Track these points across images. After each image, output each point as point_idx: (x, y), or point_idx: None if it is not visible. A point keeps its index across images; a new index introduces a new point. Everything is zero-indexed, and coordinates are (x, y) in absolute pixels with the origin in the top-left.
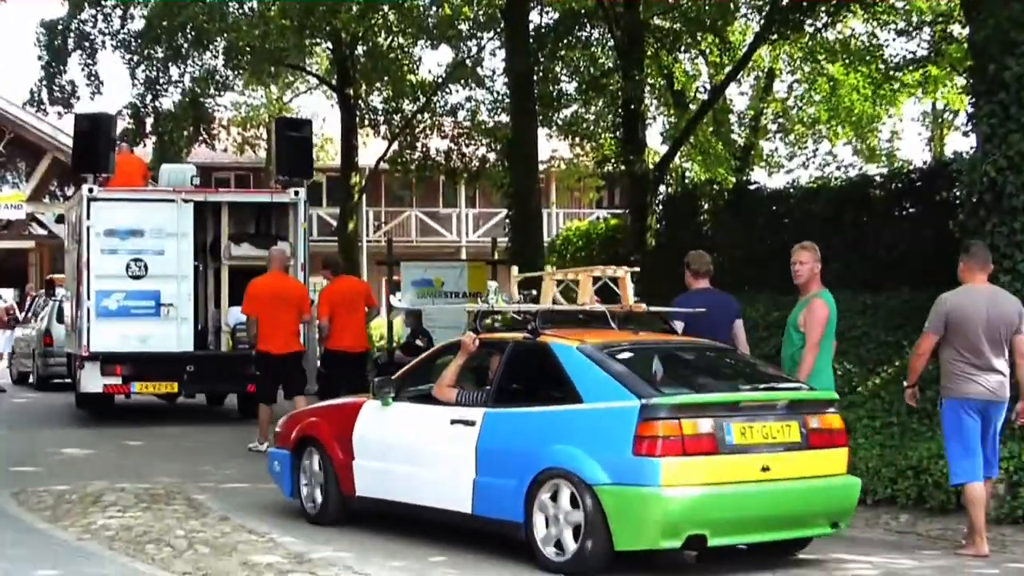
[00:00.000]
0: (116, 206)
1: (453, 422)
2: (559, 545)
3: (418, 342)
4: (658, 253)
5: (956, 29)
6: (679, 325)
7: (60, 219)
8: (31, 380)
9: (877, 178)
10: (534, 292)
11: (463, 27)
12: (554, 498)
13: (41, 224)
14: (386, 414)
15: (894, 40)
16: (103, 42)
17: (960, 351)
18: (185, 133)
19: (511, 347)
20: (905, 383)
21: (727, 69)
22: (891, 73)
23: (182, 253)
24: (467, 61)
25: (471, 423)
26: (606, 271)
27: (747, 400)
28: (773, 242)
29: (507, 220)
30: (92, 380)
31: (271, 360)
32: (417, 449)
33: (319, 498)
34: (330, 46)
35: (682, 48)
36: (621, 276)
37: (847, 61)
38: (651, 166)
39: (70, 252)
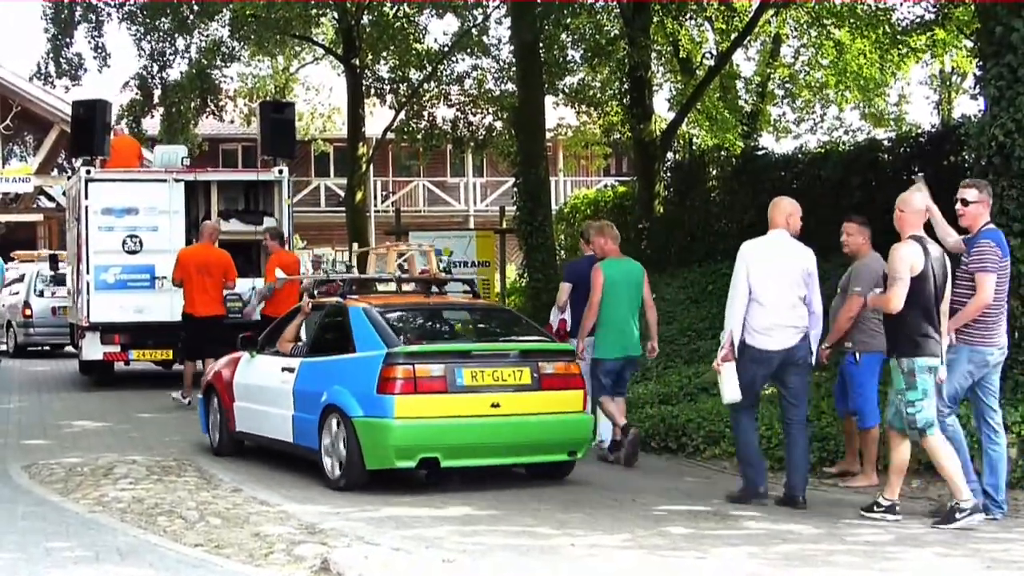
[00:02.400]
0: (112, 186)
1: (283, 369)
2: (337, 467)
3: None
4: (666, 219)
5: None
6: (567, 287)
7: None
8: (4, 348)
9: (885, 142)
10: (404, 264)
11: None
12: (332, 429)
13: (49, 197)
14: (251, 365)
15: (900, 3)
16: (109, 14)
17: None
18: (192, 104)
19: (326, 309)
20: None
21: (733, 35)
22: (898, 37)
23: (174, 229)
24: (473, 30)
25: (292, 370)
26: (411, 246)
27: (478, 350)
28: None
29: (515, 189)
30: (93, 348)
31: (195, 321)
32: (264, 392)
33: (217, 434)
34: (336, 16)
35: (688, 15)
36: (427, 250)
37: (854, 25)
38: (658, 133)
39: (70, 229)
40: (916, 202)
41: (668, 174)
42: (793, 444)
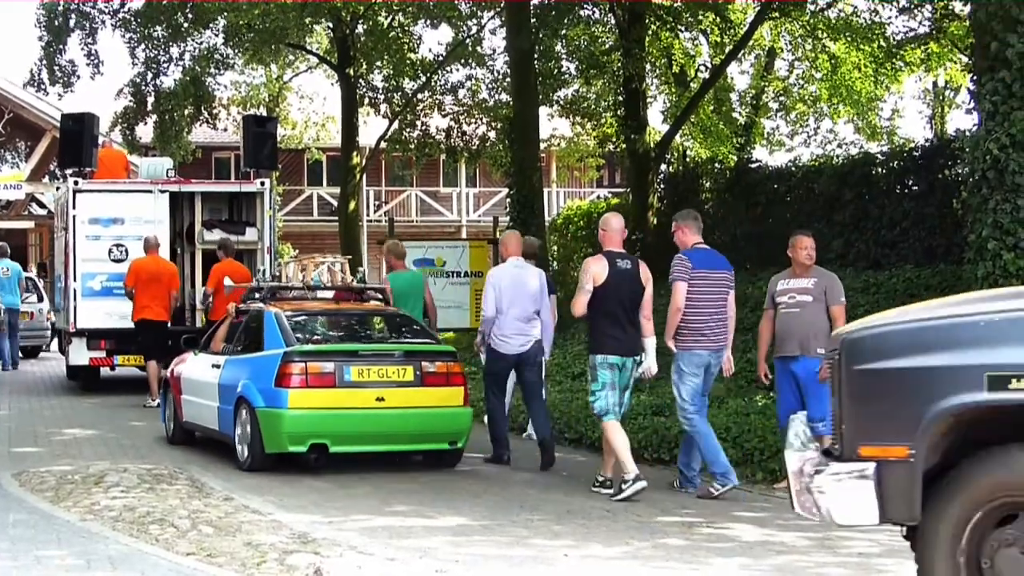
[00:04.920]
0: (99, 197)
1: (213, 366)
2: (246, 451)
3: None
4: (659, 231)
5: (958, 6)
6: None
7: None
8: None
9: (879, 156)
10: (361, 270)
11: (463, 6)
12: (243, 418)
13: (41, 204)
14: (194, 362)
15: (896, 17)
16: (103, 21)
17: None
18: (186, 112)
19: (250, 313)
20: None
21: (728, 48)
22: (893, 51)
23: (159, 238)
24: (467, 40)
25: (219, 366)
26: (327, 258)
27: (365, 350)
28: (775, 220)
29: (508, 199)
30: (79, 354)
31: (148, 325)
32: (200, 386)
33: (172, 424)
34: (330, 25)
35: (683, 26)
36: (343, 262)
37: (849, 39)
38: (652, 145)
39: (59, 238)
40: (615, 223)
41: (662, 186)
42: (535, 415)
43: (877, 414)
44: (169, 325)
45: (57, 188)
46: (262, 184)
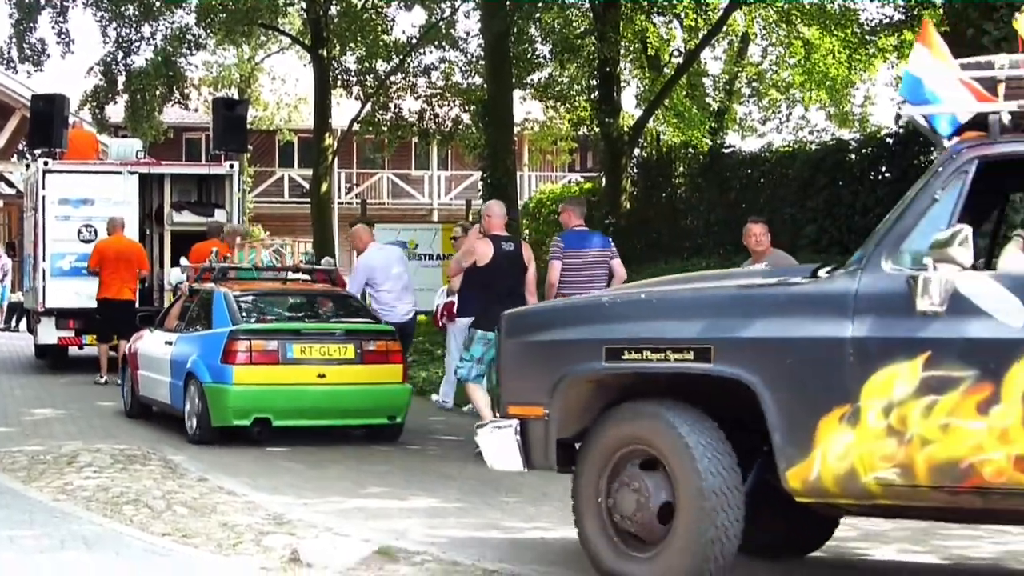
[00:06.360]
0: (69, 177)
1: (166, 343)
2: (195, 424)
3: None
4: (632, 216)
5: None
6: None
7: None
8: None
9: (852, 143)
10: (309, 252)
11: None
12: (192, 392)
13: (9, 183)
14: (150, 338)
15: (870, 3)
16: None
17: None
18: (157, 92)
19: (201, 293)
20: None
21: (702, 32)
22: (866, 37)
23: (128, 220)
24: (441, 22)
25: (171, 343)
26: (275, 241)
27: (307, 328)
28: (749, 205)
29: (481, 182)
30: (48, 333)
31: (108, 304)
32: (155, 362)
33: (129, 398)
34: (303, 5)
35: (658, 11)
36: (290, 244)
37: (823, 24)
38: (626, 129)
39: (28, 218)
40: (497, 210)
41: (635, 170)
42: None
43: (521, 379)
44: (136, 305)
45: (27, 168)
46: (231, 167)
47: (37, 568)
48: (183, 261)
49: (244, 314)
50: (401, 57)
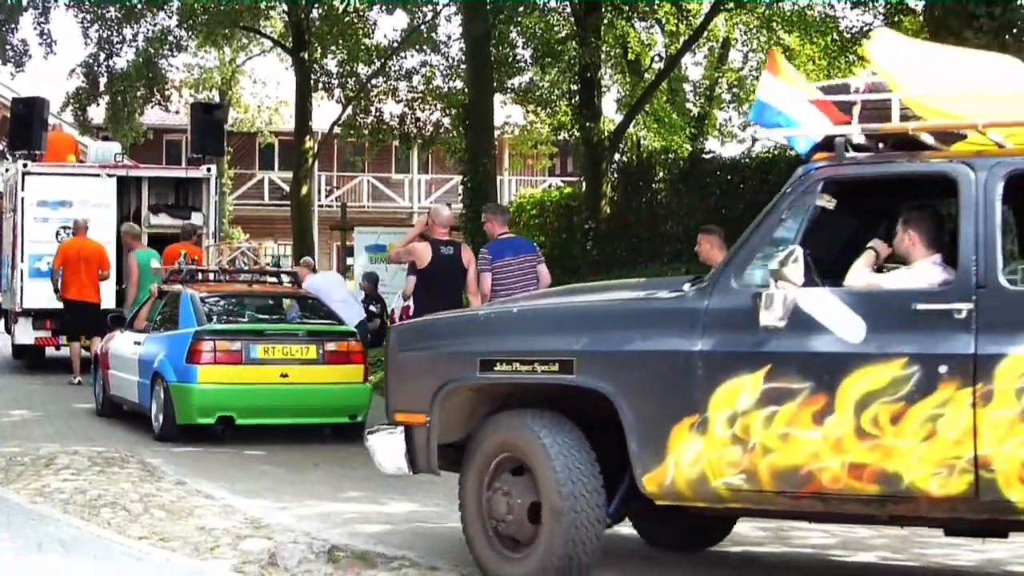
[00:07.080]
0: (48, 180)
1: (135, 343)
2: (161, 422)
3: (372, 308)
4: (613, 221)
5: (912, 0)
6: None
7: None
8: None
9: None
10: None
11: None
12: (158, 391)
13: None
14: (120, 339)
15: (850, 10)
16: (56, 0)
17: None
18: (138, 94)
19: (169, 294)
20: None
21: (683, 38)
22: (846, 44)
23: (106, 222)
24: (422, 26)
25: (139, 343)
26: (241, 244)
27: (270, 329)
28: (729, 211)
29: (462, 186)
30: (25, 333)
31: (73, 305)
32: (124, 361)
33: (101, 396)
34: (285, 8)
35: (639, 15)
36: (256, 247)
37: (803, 31)
38: (606, 134)
39: (7, 219)
40: (444, 214)
41: (615, 175)
42: None
43: (405, 388)
44: (101, 306)
45: (6, 170)
46: (208, 170)
47: (13, 571)
48: (154, 263)
49: (210, 315)
50: (382, 60)
